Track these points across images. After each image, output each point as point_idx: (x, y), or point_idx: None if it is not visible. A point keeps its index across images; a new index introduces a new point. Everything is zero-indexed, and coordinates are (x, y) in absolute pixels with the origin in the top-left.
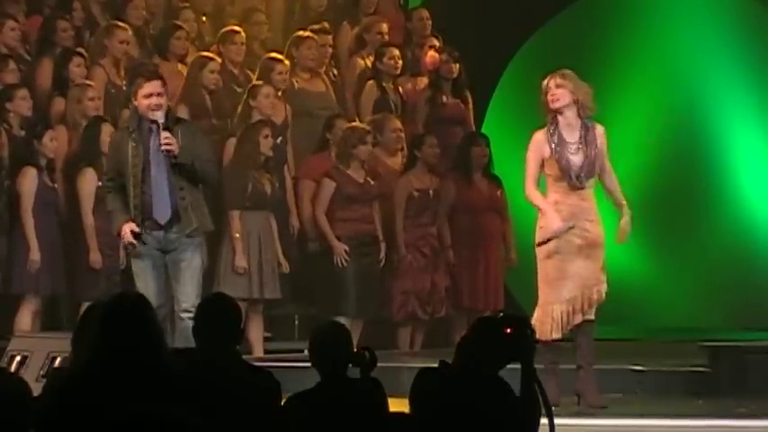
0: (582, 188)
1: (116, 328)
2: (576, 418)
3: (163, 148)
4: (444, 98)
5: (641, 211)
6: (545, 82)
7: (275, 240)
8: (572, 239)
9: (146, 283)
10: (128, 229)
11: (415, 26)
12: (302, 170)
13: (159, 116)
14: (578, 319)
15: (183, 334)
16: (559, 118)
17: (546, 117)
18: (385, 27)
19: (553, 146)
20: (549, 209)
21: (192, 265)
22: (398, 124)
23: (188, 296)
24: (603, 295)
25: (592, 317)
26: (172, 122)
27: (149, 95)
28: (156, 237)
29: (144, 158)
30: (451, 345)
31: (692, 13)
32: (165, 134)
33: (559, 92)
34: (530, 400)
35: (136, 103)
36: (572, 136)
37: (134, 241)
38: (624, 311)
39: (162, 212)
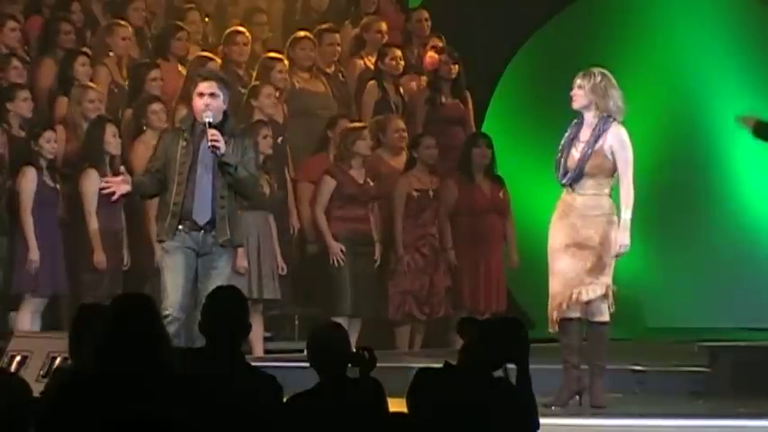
0: (566, 186)
1: (123, 330)
2: (576, 418)
3: (209, 143)
4: (443, 98)
5: (641, 212)
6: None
7: (274, 241)
8: (560, 237)
9: (174, 282)
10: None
11: (414, 26)
12: (301, 172)
13: (208, 116)
14: (555, 316)
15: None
16: (584, 115)
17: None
18: (384, 26)
19: (563, 140)
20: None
21: (223, 273)
22: (401, 124)
23: None
24: (585, 298)
25: (599, 319)
26: (227, 128)
27: (201, 95)
28: (193, 237)
29: (192, 159)
30: (451, 345)
31: (691, 14)
32: (212, 131)
33: (577, 92)
34: (528, 400)
35: (191, 102)
36: (584, 135)
37: (107, 186)
38: (624, 311)
39: (202, 214)
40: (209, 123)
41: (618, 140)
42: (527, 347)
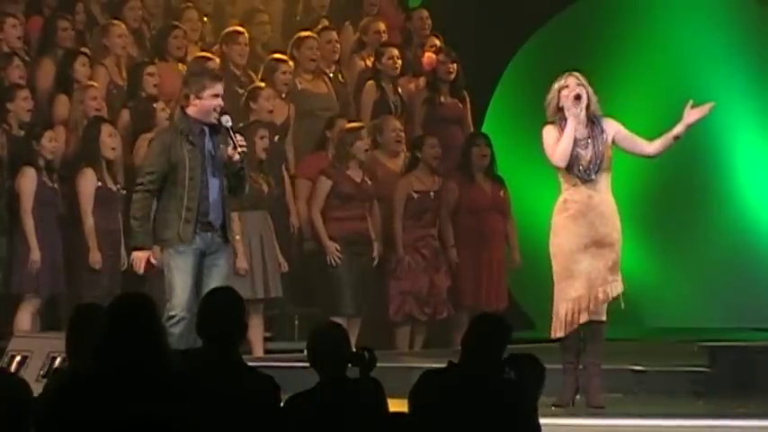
0: (590, 181)
1: (121, 330)
2: (576, 418)
3: (239, 150)
4: (442, 98)
5: (642, 212)
6: (563, 80)
7: (274, 239)
8: (577, 238)
9: (184, 282)
10: (145, 258)
11: (415, 26)
12: (299, 169)
13: (227, 120)
14: (584, 318)
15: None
16: (579, 114)
17: (554, 115)
18: (382, 26)
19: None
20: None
21: (223, 271)
22: (398, 124)
23: None
24: (610, 295)
25: (601, 318)
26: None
27: (217, 96)
28: (203, 238)
29: (201, 161)
30: (452, 345)
31: (691, 15)
32: (240, 137)
33: (583, 91)
34: (529, 410)
35: (197, 101)
36: (581, 132)
37: (142, 272)
38: (624, 311)
39: (217, 215)
40: (231, 128)
41: (614, 127)
42: (538, 388)
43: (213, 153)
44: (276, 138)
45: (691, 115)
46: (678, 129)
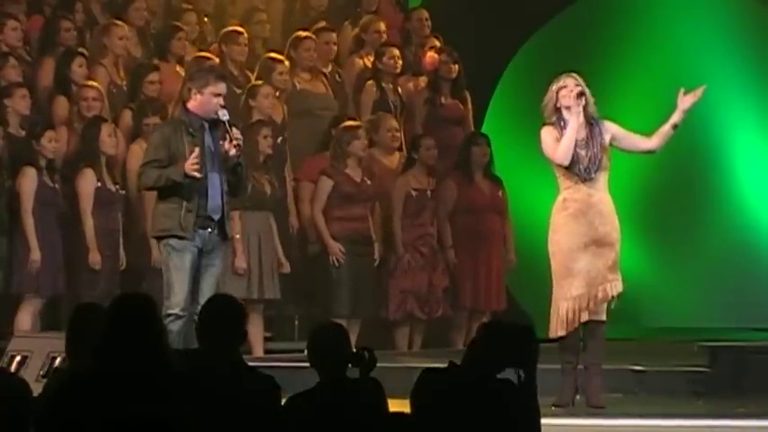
0: (590, 180)
1: (121, 330)
2: (576, 418)
3: (235, 143)
4: (443, 99)
5: (641, 211)
6: (562, 81)
7: (275, 240)
8: (577, 237)
9: (182, 281)
10: (189, 162)
11: (414, 26)
12: (303, 171)
13: (225, 114)
14: (584, 317)
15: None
16: (579, 115)
17: (552, 116)
18: (383, 26)
19: (565, 140)
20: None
21: (218, 271)
22: (394, 123)
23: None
24: (610, 294)
25: (601, 317)
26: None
27: (218, 95)
28: (201, 235)
29: (201, 154)
30: (451, 345)
31: (691, 14)
32: (237, 132)
33: (582, 92)
34: (530, 409)
35: (197, 96)
36: (580, 133)
37: (197, 168)
38: (624, 311)
39: (216, 209)
40: (229, 123)
41: (611, 129)
42: (536, 356)
43: (213, 148)
44: (279, 139)
45: (685, 101)
46: (675, 117)
